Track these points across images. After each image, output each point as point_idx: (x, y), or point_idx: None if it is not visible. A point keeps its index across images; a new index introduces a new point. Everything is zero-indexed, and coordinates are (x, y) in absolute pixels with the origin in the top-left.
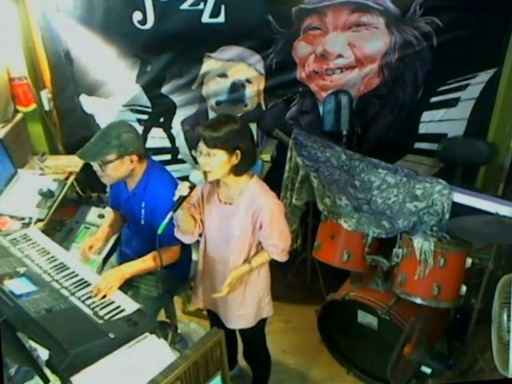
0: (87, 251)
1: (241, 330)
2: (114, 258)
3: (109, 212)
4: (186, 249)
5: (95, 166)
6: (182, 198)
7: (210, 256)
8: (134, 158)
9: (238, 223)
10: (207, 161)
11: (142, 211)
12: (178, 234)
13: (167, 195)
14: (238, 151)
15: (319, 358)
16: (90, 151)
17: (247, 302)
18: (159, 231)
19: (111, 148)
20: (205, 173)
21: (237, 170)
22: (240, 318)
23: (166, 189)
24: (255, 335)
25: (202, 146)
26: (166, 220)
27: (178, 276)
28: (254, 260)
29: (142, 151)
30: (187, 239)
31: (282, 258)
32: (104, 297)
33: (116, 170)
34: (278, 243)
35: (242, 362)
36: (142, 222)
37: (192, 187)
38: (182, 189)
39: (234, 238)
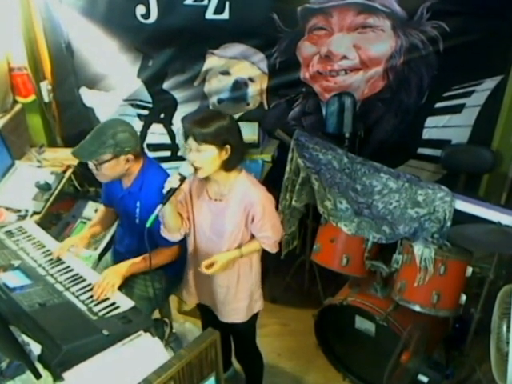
0: (64, 251)
1: (232, 328)
2: (109, 255)
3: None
4: (183, 249)
5: (90, 164)
6: (173, 191)
7: (200, 252)
8: (130, 157)
9: (231, 219)
10: (197, 157)
11: (137, 210)
12: (164, 233)
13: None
14: (227, 146)
15: (315, 363)
16: (85, 150)
17: (240, 295)
18: (148, 224)
19: (106, 148)
20: (195, 169)
21: (227, 165)
22: (232, 311)
23: (162, 188)
24: (246, 332)
25: (191, 142)
26: (155, 213)
27: (173, 276)
28: (245, 247)
29: (139, 150)
30: (173, 237)
31: (272, 249)
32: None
33: (111, 169)
34: (271, 235)
35: (236, 363)
36: (137, 220)
37: (182, 179)
38: (173, 181)
39: (227, 233)
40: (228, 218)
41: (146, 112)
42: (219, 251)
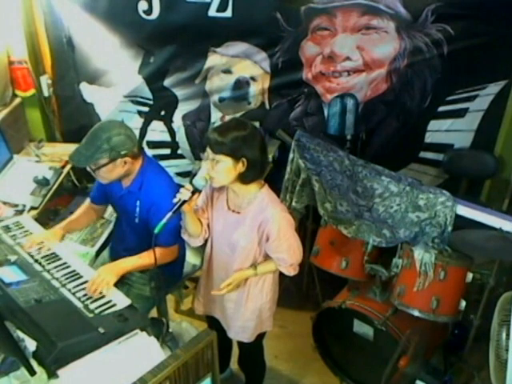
0: (33, 245)
1: (240, 343)
2: (106, 252)
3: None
4: (180, 248)
5: (88, 168)
6: (182, 202)
7: (214, 263)
8: (128, 159)
9: (244, 233)
10: (212, 166)
11: (137, 209)
12: (184, 236)
13: (163, 194)
14: (244, 159)
15: (312, 366)
16: (81, 156)
17: (248, 315)
18: (156, 230)
19: (102, 152)
20: (210, 178)
21: (243, 179)
22: (240, 329)
23: (162, 188)
24: (253, 347)
25: (208, 150)
26: (164, 220)
27: (171, 275)
28: (260, 266)
29: (136, 151)
30: (193, 242)
31: (289, 272)
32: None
33: (109, 172)
34: (286, 258)
35: (233, 365)
36: (137, 220)
37: (194, 192)
38: (184, 192)
39: (240, 247)
40: (240, 232)
41: (146, 109)
42: (231, 265)
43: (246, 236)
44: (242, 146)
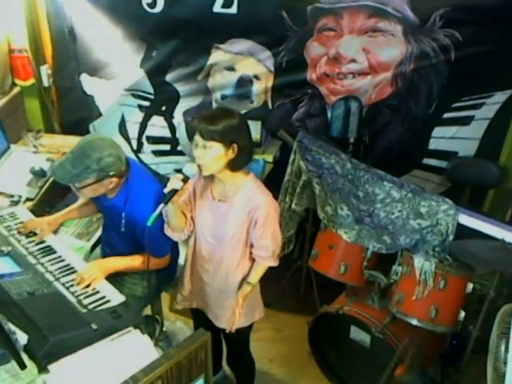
0: (26, 230)
1: (226, 334)
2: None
3: None
4: (174, 249)
5: (70, 185)
6: (174, 192)
7: (200, 255)
8: (114, 179)
9: (234, 222)
10: (203, 153)
11: (123, 221)
12: (167, 231)
13: (150, 208)
14: (234, 145)
15: (307, 371)
16: (65, 172)
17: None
18: (149, 223)
19: (90, 173)
20: (199, 166)
21: (233, 165)
22: (231, 318)
23: (149, 203)
24: (240, 338)
25: (197, 138)
26: (157, 211)
27: (165, 274)
28: (252, 277)
29: (124, 169)
30: (177, 237)
31: (273, 262)
32: (87, 286)
33: (93, 191)
34: (270, 245)
35: (226, 366)
36: (123, 229)
37: (185, 180)
38: (174, 181)
39: (228, 237)
40: (230, 221)
41: (147, 103)
42: (220, 258)
43: (235, 224)
44: (233, 132)
